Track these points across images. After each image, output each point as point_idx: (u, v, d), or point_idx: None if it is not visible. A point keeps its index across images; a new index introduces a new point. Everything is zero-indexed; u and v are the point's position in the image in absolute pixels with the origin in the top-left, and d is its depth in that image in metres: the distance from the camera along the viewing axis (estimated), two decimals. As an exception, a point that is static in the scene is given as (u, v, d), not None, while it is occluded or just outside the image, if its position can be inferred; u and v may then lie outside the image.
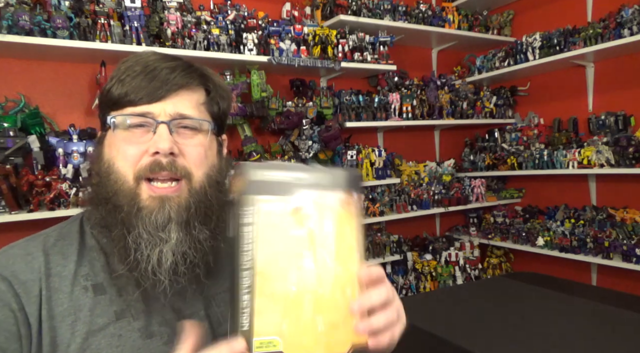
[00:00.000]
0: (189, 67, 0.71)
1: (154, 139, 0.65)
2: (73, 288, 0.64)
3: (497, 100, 3.19)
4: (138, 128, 0.67)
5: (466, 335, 1.44)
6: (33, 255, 0.65)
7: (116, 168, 0.66)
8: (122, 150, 0.66)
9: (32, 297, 0.62)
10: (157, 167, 0.65)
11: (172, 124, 0.67)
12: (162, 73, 0.67)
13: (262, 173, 0.51)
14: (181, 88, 0.68)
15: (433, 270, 2.88)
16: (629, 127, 2.56)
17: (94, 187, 0.69)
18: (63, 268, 0.65)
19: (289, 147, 2.44)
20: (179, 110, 0.68)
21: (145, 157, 0.65)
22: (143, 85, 0.66)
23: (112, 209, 0.65)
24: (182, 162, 0.67)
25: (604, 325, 1.46)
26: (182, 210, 0.66)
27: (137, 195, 0.65)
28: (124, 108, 0.67)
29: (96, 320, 0.63)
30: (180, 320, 0.67)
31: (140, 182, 0.65)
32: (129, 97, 0.66)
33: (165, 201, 0.65)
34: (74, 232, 0.71)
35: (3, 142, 1.74)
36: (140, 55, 0.70)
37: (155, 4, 2.11)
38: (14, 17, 1.70)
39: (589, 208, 2.79)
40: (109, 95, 0.68)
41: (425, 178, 3.06)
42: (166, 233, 0.65)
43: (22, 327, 0.60)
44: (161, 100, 0.67)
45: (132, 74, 0.66)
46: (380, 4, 2.73)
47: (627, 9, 2.38)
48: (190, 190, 0.68)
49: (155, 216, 0.64)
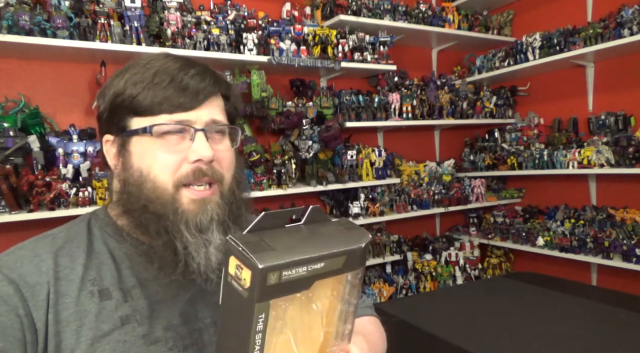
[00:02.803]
0: (212, 73, 0.73)
1: (193, 147, 0.67)
2: (80, 292, 0.64)
3: (497, 100, 3.19)
4: (173, 135, 0.68)
5: (466, 335, 1.44)
6: (41, 257, 0.65)
7: (152, 176, 0.67)
8: (161, 159, 0.67)
9: (39, 301, 0.61)
10: (200, 173, 0.67)
11: (207, 131, 0.69)
12: (192, 81, 0.68)
13: (278, 275, 0.46)
14: (211, 95, 0.71)
15: (433, 270, 2.88)
16: (629, 127, 2.56)
17: (124, 195, 0.69)
18: (71, 271, 0.65)
19: (289, 147, 2.44)
20: (213, 117, 0.70)
21: (185, 164, 0.67)
22: (177, 94, 0.67)
23: (153, 217, 0.66)
24: (217, 167, 0.70)
25: (604, 325, 1.46)
26: (220, 211, 0.69)
27: (177, 201, 0.67)
28: (157, 115, 0.67)
29: (101, 326, 0.62)
30: (187, 325, 0.68)
31: (180, 188, 0.67)
32: (164, 104, 0.67)
33: (206, 203, 0.68)
34: (81, 234, 0.71)
35: (3, 142, 1.74)
36: (158, 59, 0.70)
37: (155, 4, 2.11)
38: (14, 17, 1.70)
39: (589, 208, 2.79)
40: (135, 101, 0.67)
41: (425, 178, 3.06)
42: (209, 234, 0.67)
43: (27, 332, 0.59)
44: (197, 108, 0.69)
45: (161, 83, 0.67)
46: (380, 4, 2.73)
47: (627, 9, 2.38)
48: (223, 192, 0.71)
49: (200, 218, 0.67)
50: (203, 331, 0.69)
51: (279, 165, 2.32)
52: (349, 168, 2.55)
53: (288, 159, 2.34)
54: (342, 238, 0.56)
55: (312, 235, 0.55)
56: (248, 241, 0.48)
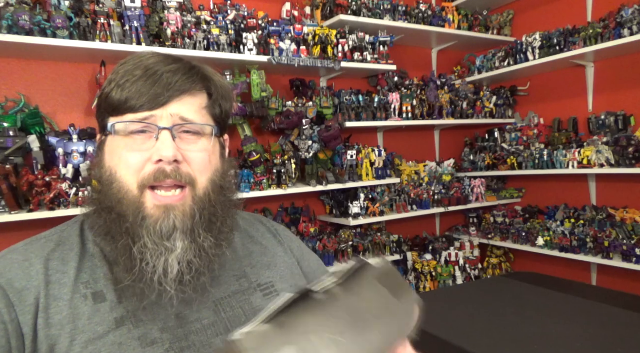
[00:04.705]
0: (191, 69, 0.69)
1: (157, 146, 0.64)
2: (73, 295, 0.63)
3: (497, 100, 3.19)
4: (140, 134, 0.65)
5: (466, 335, 1.44)
6: (31, 262, 0.64)
7: (119, 176, 0.65)
8: (125, 158, 0.65)
9: (27, 305, 0.60)
10: (161, 175, 0.64)
11: (174, 130, 0.65)
12: (163, 77, 0.65)
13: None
14: (184, 93, 0.67)
15: (433, 270, 2.88)
16: (629, 127, 2.55)
17: (96, 195, 0.68)
18: (63, 275, 0.64)
19: (289, 147, 2.44)
20: (182, 115, 0.66)
21: (149, 164, 0.64)
22: (144, 90, 0.64)
23: (117, 218, 0.64)
24: (186, 169, 0.66)
25: (604, 325, 1.46)
26: (187, 219, 0.65)
27: (141, 204, 0.64)
28: (124, 114, 0.65)
29: (96, 329, 0.61)
30: (183, 326, 0.66)
31: (145, 190, 0.64)
32: (130, 103, 0.64)
33: (170, 210, 0.64)
34: (74, 236, 0.70)
35: (3, 142, 1.73)
36: (140, 58, 0.68)
37: (155, 4, 2.11)
38: (14, 17, 1.70)
39: (589, 208, 2.79)
40: (108, 100, 0.66)
41: (425, 178, 3.06)
42: (171, 243, 0.64)
43: (12, 339, 0.58)
44: (163, 105, 0.65)
45: (132, 79, 0.65)
46: (380, 4, 2.73)
47: (627, 9, 2.38)
48: (195, 198, 0.67)
49: (161, 225, 0.64)
50: (200, 333, 0.67)
51: (279, 165, 2.32)
52: (349, 168, 2.55)
53: (288, 158, 2.34)
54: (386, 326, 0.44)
55: (351, 329, 0.40)
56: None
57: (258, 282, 0.77)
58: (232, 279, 0.75)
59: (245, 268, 0.78)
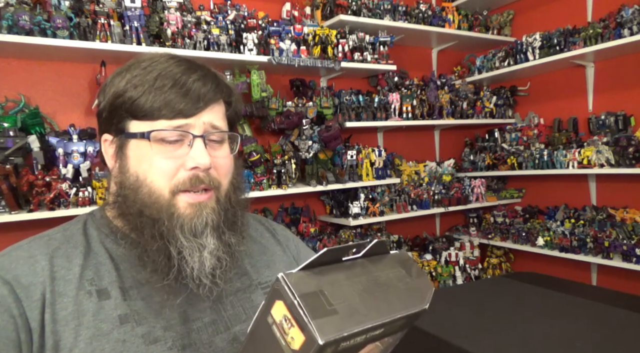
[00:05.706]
0: (214, 78, 0.72)
1: (191, 154, 0.67)
2: (78, 292, 0.64)
3: (497, 100, 3.19)
4: (171, 141, 0.67)
5: (466, 335, 1.44)
6: (36, 258, 0.65)
7: (149, 182, 0.67)
8: (157, 165, 0.67)
9: (34, 301, 0.61)
10: (197, 181, 0.67)
11: (205, 137, 0.68)
12: (194, 86, 0.67)
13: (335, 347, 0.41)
14: (213, 102, 0.70)
15: (433, 270, 2.88)
16: (629, 127, 2.56)
17: (118, 198, 0.70)
18: (67, 271, 0.65)
19: (289, 147, 2.44)
20: (213, 123, 0.70)
21: (182, 171, 0.67)
22: (177, 99, 0.66)
23: (148, 222, 0.66)
24: (214, 175, 0.70)
25: (604, 325, 1.46)
26: (215, 216, 0.69)
27: (173, 206, 0.67)
28: (156, 120, 0.67)
29: (100, 325, 0.62)
30: (186, 324, 0.67)
31: (177, 194, 0.67)
32: (164, 110, 0.66)
33: (202, 208, 0.68)
34: (77, 235, 0.71)
35: (3, 142, 1.73)
36: (160, 62, 0.69)
37: (155, 4, 2.11)
38: (14, 17, 1.70)
39: (589, 208, 2.79)
40: (135, 105, 0.66)
41: (425, 178, 3.06)
42: (204, 239, 0.67)
43: (22, 333, 0.59)
44: (197, 114, 0.68)
45: (162, 88, 0.66)
46: (380, 4, 2.73)
47: (627, 9, 2.38)
48: (219, 199, 0.71)
49: (195, 222, 0.67)
50: (202, 331, 0.68)
51: (279, 165, 2.32)
52: (349, 168, 2.55)
53: (288, 159, 2.34)
54: (404, 292, 0.51)
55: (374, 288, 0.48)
56: (306, 293, 0.42)
57: (259, 281, 0.80)
58: (234, 277, 0.77)
59: (246, 267, 0.80)
